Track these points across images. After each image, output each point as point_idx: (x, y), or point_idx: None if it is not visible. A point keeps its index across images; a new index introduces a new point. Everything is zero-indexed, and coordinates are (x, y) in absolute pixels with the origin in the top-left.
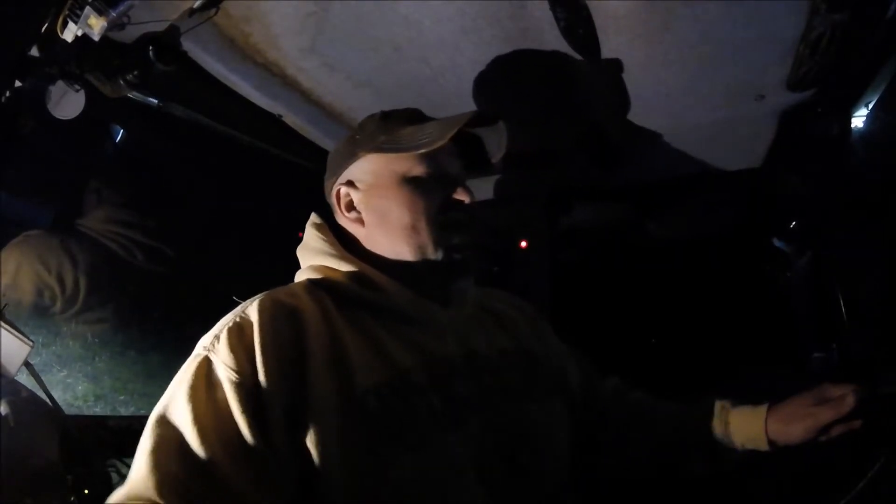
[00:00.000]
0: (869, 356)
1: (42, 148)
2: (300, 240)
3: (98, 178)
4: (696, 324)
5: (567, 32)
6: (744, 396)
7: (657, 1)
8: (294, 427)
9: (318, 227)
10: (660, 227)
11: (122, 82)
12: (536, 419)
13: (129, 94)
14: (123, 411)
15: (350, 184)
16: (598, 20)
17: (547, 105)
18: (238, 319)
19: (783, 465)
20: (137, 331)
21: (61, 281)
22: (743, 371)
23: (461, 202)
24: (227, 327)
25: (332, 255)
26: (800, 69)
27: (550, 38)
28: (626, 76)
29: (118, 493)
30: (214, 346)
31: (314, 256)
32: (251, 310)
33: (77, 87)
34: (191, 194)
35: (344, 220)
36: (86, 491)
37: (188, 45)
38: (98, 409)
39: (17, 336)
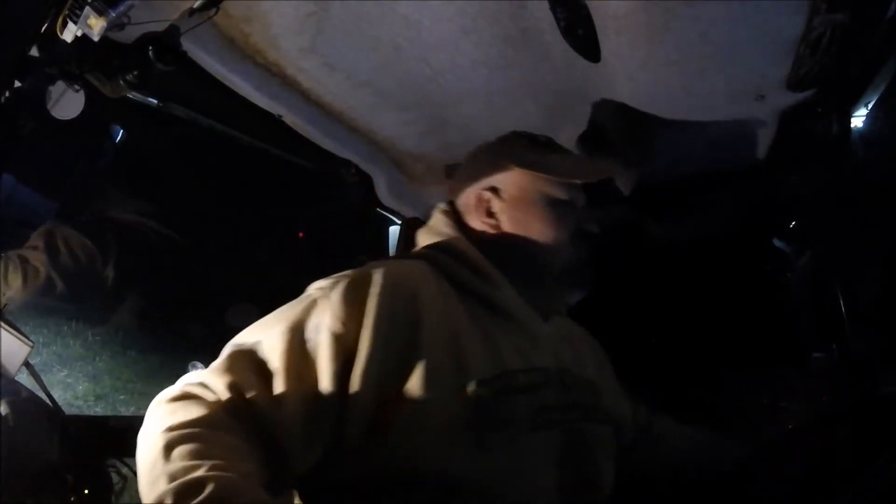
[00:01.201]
0: (869, 356)
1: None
2: (301, 239)
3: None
4: (696, 323)
5: (567, 32)
6: (744, 396)
7: (657, 1)
8: (380, 396)
9: (447, 213)
10: (659, 228)
11: (122, 82)
12: (599, 441)
13: (129, 94)
14: (124, 411)
15: (494, 191)
16: (598, 20)
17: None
18: (359, 278)
19: (783, 466)
20: (137, 331)
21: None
22: (743, 371)
23: (591, 233)
24: (347, 280)
25: (458, 242)
26: (800, 69)
27: (550, 38)
28: (626, 76)
29: (192, 375)
30: (328, 294)
31: (438, 239)
32: (376, 274)
33: (77, 87)
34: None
35: (477, 222)
36: (86, 491)
37: (188, 45)
38: (98, 409)
39: (17, 336)
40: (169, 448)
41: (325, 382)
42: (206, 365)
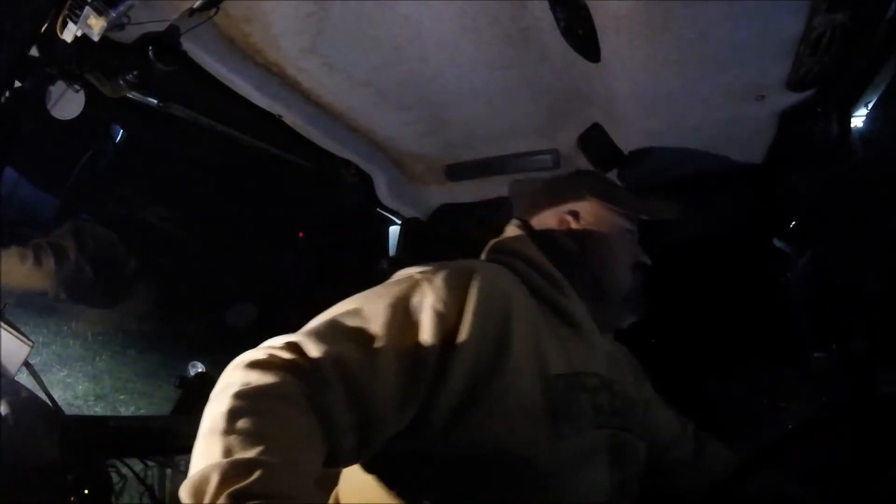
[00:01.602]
0: (869, 356)
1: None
2: (301, 239)
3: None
4: (696, 323)
5: (567, 32)
6: (744, 396)
7: (657, 1)
8: (472, 377)
9: (522, 227)
10: (659, 228)
11: (122, 82)
12: (634, 451)
13: (129, 94)
14: (124, 411)
15: (573, 214)
16: (598, 20)
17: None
18: (461, 268)
19: (784, 466)
20: (137, 331)
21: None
22: (743, 370)
23: (646, 265)
24: (449, 268)
25: (534, 253)
26: (800, 69)
27: (550, 38)
28: (626, 76)
29: (281, 338)
30: (431, 278)
31: (516, 249)
32: (475, 267)
33: (77, 87)
34: (191, 194)
35: (552, 240)
36: (86, 491)
37: (188, 45)
38: (98, 409)
39: (16, 336)
40: (233, 416)
41: (424, 354)
42: (206, 365)
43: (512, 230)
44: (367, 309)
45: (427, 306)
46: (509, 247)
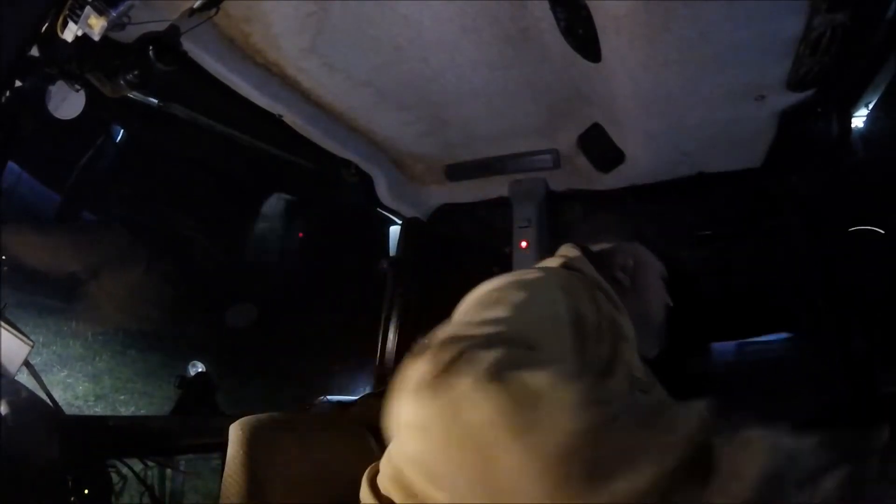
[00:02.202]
0: (869, 356)
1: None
2: (301, 240)
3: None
4: (696, 323)
5: (567, 32)
6: (745, 396)
7: (657, 1)
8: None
9: (583, 251)
10: (660, 228)
11: (122, 82)
12: None
13: (129, 94)
14: (124, 411)
15: (631, 254)
16: (598, 20)
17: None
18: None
19: None
20: (138, 331)
21: None
22: (743, 370)
23: (669, 305)
24: (574, 279)
25: (593, 272)
26: (800, 69)
27: (550, 38)
28: (626, 76)
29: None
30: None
31: (578, 266)
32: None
33: (77, 87)
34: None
35: (616, 274)
36: (86, 491)
37: (188, 45)
38: (98, 409)
39: (17, 336)
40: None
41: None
42: (206, 365)
43: (569, 250)
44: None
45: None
46: (573, 265)
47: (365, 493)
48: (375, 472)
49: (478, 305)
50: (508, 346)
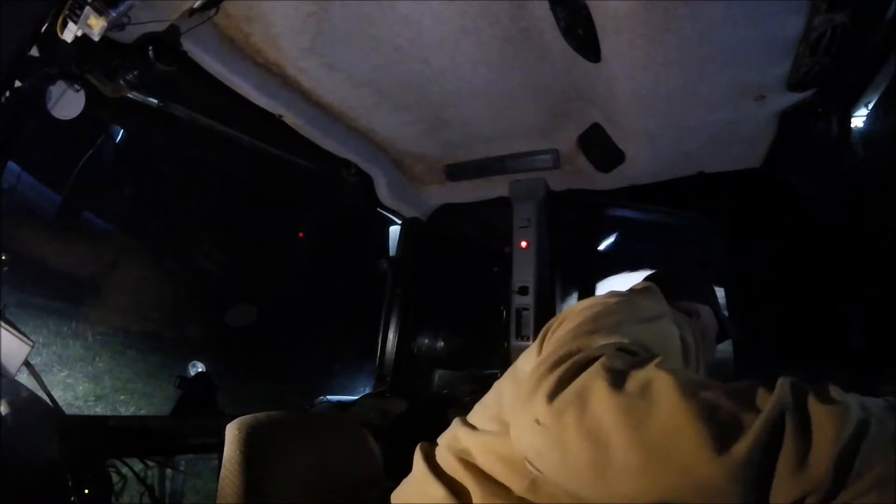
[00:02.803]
0: (869, 356)
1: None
2: (301, 240)
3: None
4: None
5: (567, 32)
6: None
7: (657, 1)
8: None
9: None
10: (660, 228)
11: (122, 82)
12: None
13: (129, 94)
14: (124, 411)
15: (696, 313)
16: (598, 20)
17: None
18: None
19: None
20: (138, 331)
21: None
22: (742, 370)
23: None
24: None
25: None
26: (800, 69)
27: (550, 38)
28: (626, 76)
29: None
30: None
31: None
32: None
33: (77, 87)
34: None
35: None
36: (86, 491)
37: (188, 45)
38: (98, 409)
39: (17, 336)
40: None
41: None
42: (206, 365)
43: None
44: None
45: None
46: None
47: (424, 473)
48: (432, 452)
49: (593, 317)
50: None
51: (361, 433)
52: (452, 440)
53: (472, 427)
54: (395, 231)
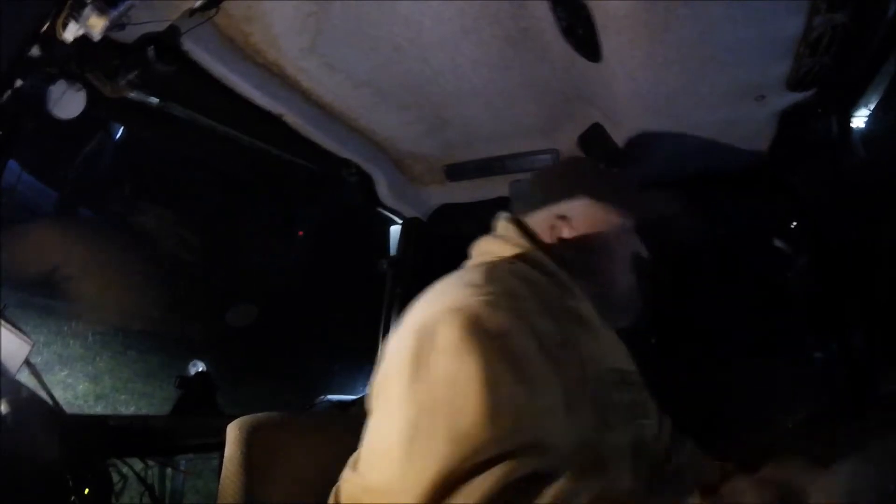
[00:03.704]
0: (869, 356)
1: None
2: (301, 239)
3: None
4: (696, 323)
5: (567, 32)
6: (745, 395)
7: (657, 1)
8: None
9: (518, 225)
10: (659, 228)
11: (122, 82)
12: (649, 433)
13: (128, 94)
14: (124, 410)
15: (564, 219)
16: (598, 20)
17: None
18: (502, 296)
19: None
20: (138, 331)
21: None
22: (743, 370)
23: (642, 257)
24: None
25: (536, 255)
26: (800, 69)
27: (550, 38)
28: (626, 76)
29: None
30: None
31: (515, 249)
32: (503, 292)
33: (77, 86)
34: (190, 194)
35: (547, 243)
36: (86, 491)
37: (188, 45)
38: (99, 409)
39: (17, 335)
40: None
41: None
42: (206, 365)
43: (506, 226)
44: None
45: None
46: (505, 247)
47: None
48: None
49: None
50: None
51: (361, 433)
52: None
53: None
54: (395, 231)
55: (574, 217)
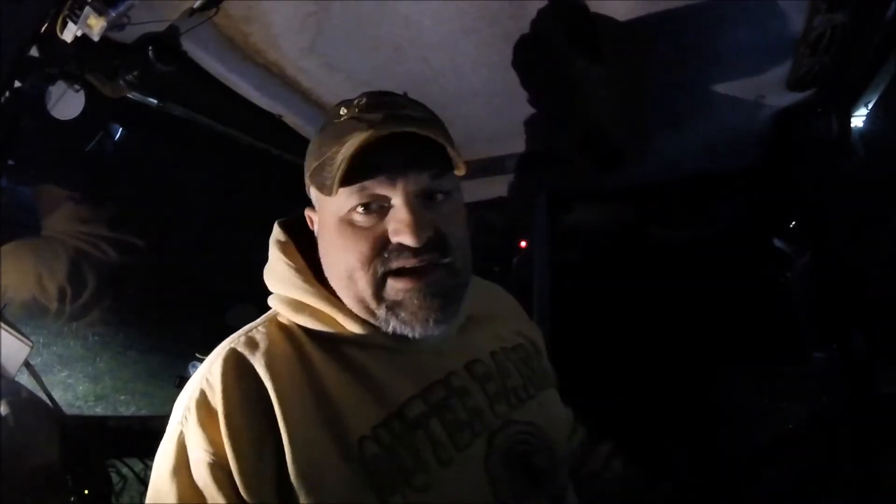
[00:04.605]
0: (869, 356)
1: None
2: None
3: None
4: (697, 323)
5: (567, 32)
6: (744, 395)
7: (657, 1)
8: (286, 489)
9: (283, 247)
10: (660, 228)
11: (122, 82)
12: (541, 413)
13: (128, 94)
14: (124, 411)
15: (311, 206)
16: (598, 20)
17: (548, 106)
18: (203, 387)
19: (783, 465)
20: (137, 331)
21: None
22: (743, 370)
23: (403, 246)
24: (194, 400)
25: (302, 289)
26: (800, 69)
27: (550, 38)
28: (626, 76)
29: None
30: (186, 421)
31: (283, 286)
32: (215, 371)
33: (77, 87)
34: (189, 194)
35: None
36: (86, 491)
37: (188, 45)
38: (99, 409)
39: (16, 336)
40: None
41: None
42: None
43: (272, 250)
44: (164, 493)
45: (198, 461)
46: (274, 282)
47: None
48: None
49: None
50: None
51: None
52: None
53: None
54: None
55: (314, 202)
